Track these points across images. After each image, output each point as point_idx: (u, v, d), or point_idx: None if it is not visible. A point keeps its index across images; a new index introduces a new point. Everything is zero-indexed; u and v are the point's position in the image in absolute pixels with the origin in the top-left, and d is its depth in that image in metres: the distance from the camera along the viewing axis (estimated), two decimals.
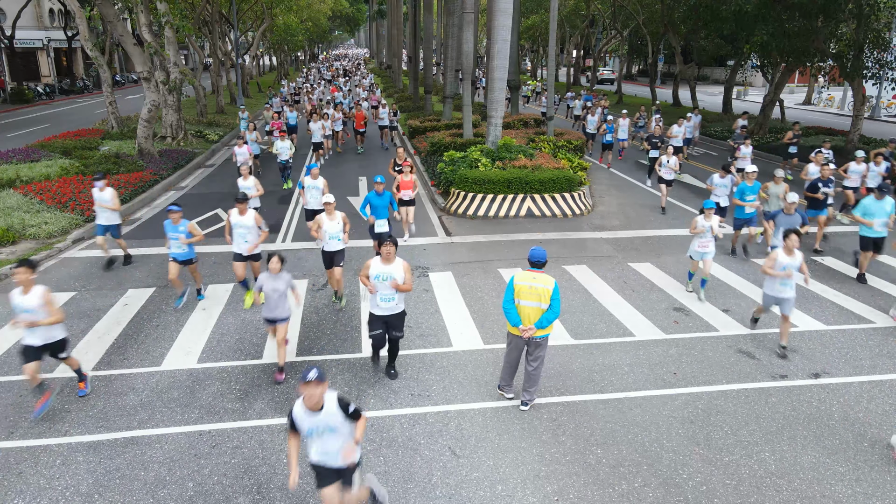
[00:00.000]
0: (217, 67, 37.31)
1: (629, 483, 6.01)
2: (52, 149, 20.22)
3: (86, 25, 21.59)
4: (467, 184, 15.45)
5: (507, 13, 16.55)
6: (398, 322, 7.57)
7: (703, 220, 10.10)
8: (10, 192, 15.18)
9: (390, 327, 7.54)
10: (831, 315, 9.81)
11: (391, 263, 7.25)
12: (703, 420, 7.02)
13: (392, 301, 7.36)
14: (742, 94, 49.61)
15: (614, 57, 71.20)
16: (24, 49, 46.36)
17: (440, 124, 24.61)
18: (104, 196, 11.34)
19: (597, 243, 13.30)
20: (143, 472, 6.12)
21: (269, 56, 78.05)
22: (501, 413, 7.12)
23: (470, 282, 11.02)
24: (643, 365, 8.21)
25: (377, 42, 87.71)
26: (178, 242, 9.53)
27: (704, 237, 10.08)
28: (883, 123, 34.36)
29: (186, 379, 7.78)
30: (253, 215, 9.60)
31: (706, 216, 10.07)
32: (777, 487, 5.97)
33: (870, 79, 21.68)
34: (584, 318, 9.57)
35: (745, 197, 11.98)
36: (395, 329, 7.58)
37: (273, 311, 7.60)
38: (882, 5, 19.51)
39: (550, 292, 6.63)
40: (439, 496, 5.82)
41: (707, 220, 10.08)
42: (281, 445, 6.52)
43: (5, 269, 11.17)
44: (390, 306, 7.40)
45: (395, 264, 7.27)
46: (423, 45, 33.49)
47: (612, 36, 49.78)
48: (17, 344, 8.61)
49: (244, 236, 9.65)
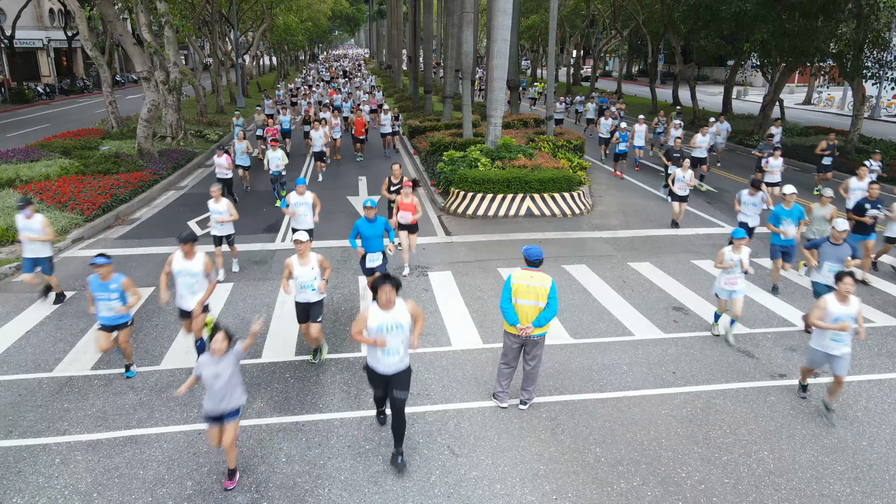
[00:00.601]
0: (217, 67, 37.33)
1: (628, 482, 6.02)
2: (51, 149, 20.23)
3: (86, 25, 21.60)
4: (467, 183, 15.46)
5: (507, 13, 16.55)
6: (403, 380, 5.97)
7: (730, 253, 8.43)
8: (10, 191, 15.19)
9: (393, 386, 5.91)
10: None
11: (393, 308, 5.81)
12: (702, 419, 7.03)
13: (397, 355, 5.83)
14: (742, 94, 49.62)
15: (614, 57, 71.28)
16: (24, 49, 46.39)
17: (440, 124, 24.61)
18: (32, 224, 9.60)
19: (596, 243, 13.30)
20: (142, 470, 6.12)
21: (269, 56, 78.11)
22: (500, 412, 7.12)
23: (469, 281, 11.02)
24: (642, 364, 8.22)
25: (377, 42, 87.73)
26: (109, 304, 7.33)
27: (732, 273, 8.48)
28: (883, 123, 34.37)
29: (186, 378, 7.78)
30: (203, 260, 7.60)
31: (735, 248, 8.42)
32: (776, 486, 5.98)
33: (870, 79, 21.67)
34: (583, 318, 9.57)
35: (781, 222, 10.26)
36: (400, 388, 5.91)
37: (219, 403, 5.62)
38: (882, 5, 19.50)
39: (548, 291, 6.63)
40: (438, 495, 5.83)
41: (736, 252, 8.42)
42: (279, 445, 6.53)
43: (5, 269, 11.17)
44: (393, 362, 5.84)
45: (397, 309, 5.81)
46: (423, 45, 33.54)
47: (612, 36, 49.78)
48: (23, 340, 8.63)
49: (191, 287, 7.57)
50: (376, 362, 5.90)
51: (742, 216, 11.56)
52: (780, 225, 10.27)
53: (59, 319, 9.42)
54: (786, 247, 10.39)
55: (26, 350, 8.47)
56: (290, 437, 6.63)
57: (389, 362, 5.83)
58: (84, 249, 12.72)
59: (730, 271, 8.47)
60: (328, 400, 7.34)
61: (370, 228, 9.08)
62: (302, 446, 6.50)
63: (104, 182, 16.32)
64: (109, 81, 24.67)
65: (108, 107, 25.06)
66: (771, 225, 10.35)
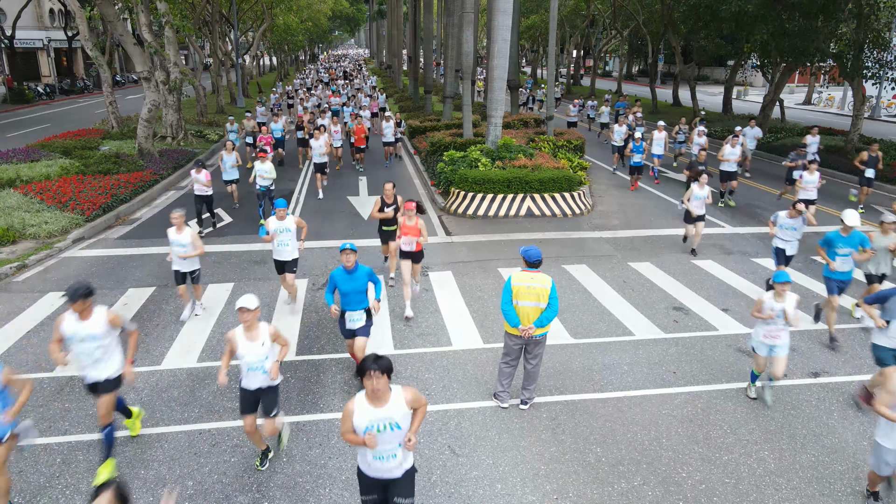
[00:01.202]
0: (217, 67, 37.35)
1: (628, 482, 6.02)
2: (52, 149, 20.23)
3: (86, 25, 21.63)
4: (467, 183, 15.47)
5: (507, 13, 16.56)
6: (405, 487, 4.62)
7: (771, 301, 6.88)
8: (11, 191, 15.20)
9: (394, 492, 4.60)
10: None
11: (386, 403, 4.37)
12: (703, 419, 7.03)
13: (393, 459, 4.47)
14: (742, 94, 49.63)
15: (614, 57, 71.28)
16: (25, 49, 46.37)
17: (440, 124, 24.61)
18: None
19: (597, 243, 13.31)
20: (143, 470, 6.13)
21: (270, 56, 78.09)
22: (501, 412, 7.12)
23: (470, 281, 11.03)
24: (643, 364, 8.22)
25: (377, 42, 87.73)
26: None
27: (774, 324, 6.93)
28: (883, 123, 34.38)
29: (186, 378, 7.79)
30: (104, 317, 5.85)
31: (777, 294, 6.84)
32: (776, 486, 5.98)
33: (870, 79, 21.68)
34: (583, 318, 9.58)
35: (837, 251, 8.62)
36: (401, 494, 4.60)
37: None
38: (882, 5, 19.52)
39: (548, 291, 6.64)
40: (439, 494, 5.83)
41: (778, 300, 6.84)
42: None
43: (6, 269, 11.18)
44: (389, 467, 4.49)
45: (392, 402, 4.38)
46: (423, 45, 33.53)
47: (612, 36, 49.80)
48: (23, 340, 8.64)
49: (92, 354, 5.87)
50: (367, 467, 4.54)
51: (779, 241, 10.01)
52: (835, 256, 8.61)
53: None
54: (844, 281, 8.77)
55: (27, 350, 8.47)
56: (290, 437, 6.64)
57: (384, 468, 4.48)
58: (85, 249, 12.72)
59: (771, 322, 6.96)
60: (329, 400, 7.34)
61: (349, 281, 7.01)
62: (303, 446, 6.51)
63: (104, 182, 16.33)
64: (110, 81, 24.69)
65: (109, 107, 25.08)
66: (821, 249, 8.78)
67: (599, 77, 60.41)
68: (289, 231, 9.27)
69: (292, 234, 9.32)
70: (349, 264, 6.95)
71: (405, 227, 9.35)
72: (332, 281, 7.10)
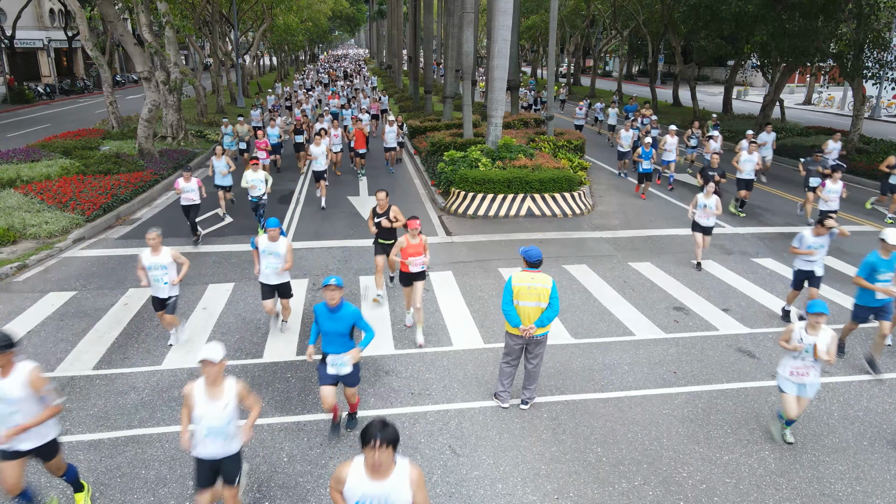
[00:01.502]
0: (217, 67, 37.36)
1: (629, 481, 6.02)
2: (52, 149, 20.24)
3: (86, 25, 21.64)
4: (467, 183, 15.47)
5: (507, 13, 16.57)
6: None
7: (803, 333, 6.12)
8: (11, 191, 15.20)
9: None
10: (831, 314, 9.78)
11: (386, 478, 3.70)
12: (703, 419, 7.03)
13: None
14: (742, 94, 49.65)
15: (614, 57, 71.30)
16: (25, 49, 46.38)
17: (440, 124, 24.61)
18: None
19: (597, 243, 13.31)
20: (143, 470, 6.13)
21: (270, 56, 78.08)
22: (501, 412, 7.12)
23: (470, 281, 11.03)
24: (643, 364, 8.22)
25: (377, 42, 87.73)
26: None
27: (802, 360, 6.21)
28: (883, 123, 34.39)
29: (187, 378, 7.79)
30: (26, 376, 5.03)
31: (811, 326, 6.08)
32: (777, 486, 5.98)
33: (870, 79, 21.69)
34: (584, 318, 9.58)
35: (878, 276, 7.69)
36: None
37: None
38: (882, 5, 19.54)
39: (549, 291, 6.65)
40: (440, 494, 5.83)
41: (812, 332, 6.08)
42: (281, 444, 6.54)
43: (6, 269, 11.19)
44: None
45: (395, 478, 3.72)
46: (423, 45, 33.54)
47: (612, 36, 49.82)
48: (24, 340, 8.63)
49: (7, 418, 5.01)
50: None
51: (804, 263, 8.93)
52: (875, 280, 7.69)
53: (61, 320, 9.43)
54: (880, 309, 7.89)
55: (28, 350, 8.47)
56: (291, 437, 6.65)
57: None
58: (85, 249, 12.73)
59: (799, 356, 6.20)
60: None
61: (331, 322, 6.12)
62: (303, 446, 6.51)
63: (105, 182, 16.33)
64: (110, 81, 24.69)
65: (109, 107, 25.08)
66: (862, 279, 7.77)
67: (599, 77, 60.33)
68: (278, 255, 8.36)
69: (281, 258, 8.39)
70: (333, 302, 6.04)
71: (410, 248, 8.42)
72: (316, 319, 6.23)
